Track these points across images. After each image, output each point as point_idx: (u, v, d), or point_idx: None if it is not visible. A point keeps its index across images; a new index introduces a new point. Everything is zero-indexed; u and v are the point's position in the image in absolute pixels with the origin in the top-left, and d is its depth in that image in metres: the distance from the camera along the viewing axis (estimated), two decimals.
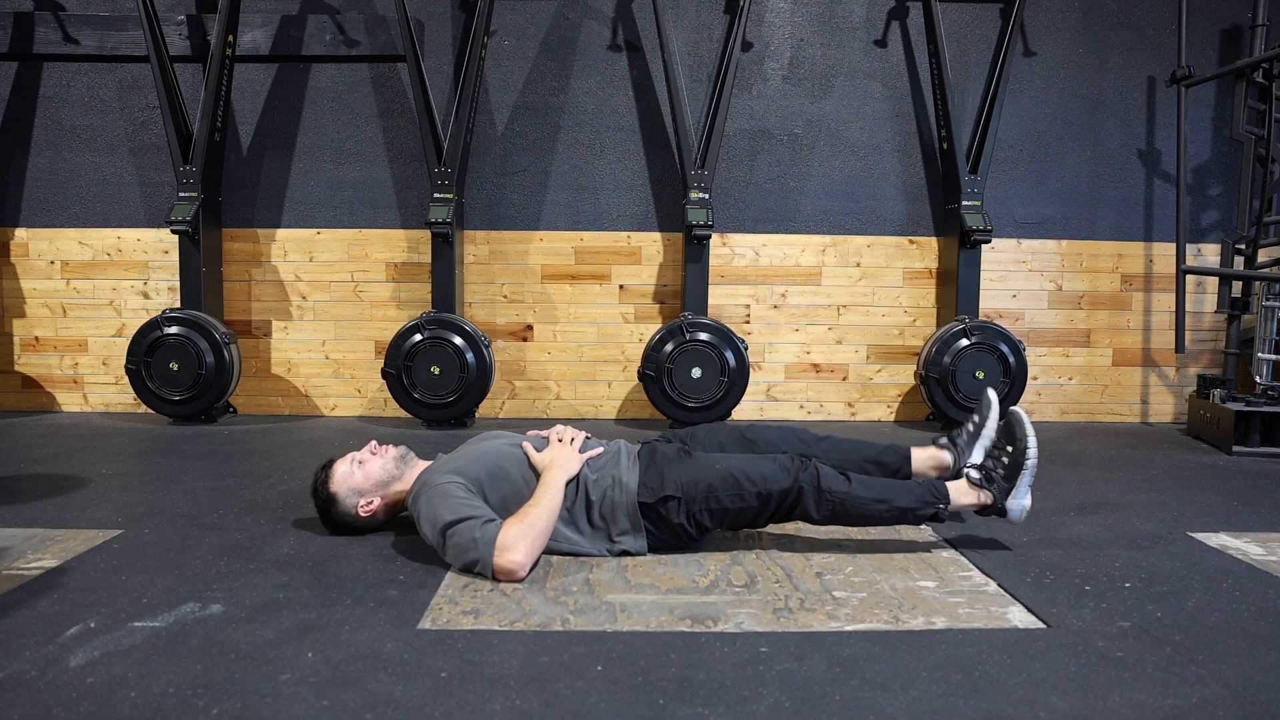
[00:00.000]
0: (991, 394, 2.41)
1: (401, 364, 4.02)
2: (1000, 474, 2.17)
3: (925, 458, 2.42)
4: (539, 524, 2.00)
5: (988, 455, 2.24)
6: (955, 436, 2.43)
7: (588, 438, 2.32)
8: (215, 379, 4.09)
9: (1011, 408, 2.22)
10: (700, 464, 2.17)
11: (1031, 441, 2.14)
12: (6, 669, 1.49)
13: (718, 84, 4.26)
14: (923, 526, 2.44)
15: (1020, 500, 2.14)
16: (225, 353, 4.10)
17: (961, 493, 2.18)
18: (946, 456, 2.39)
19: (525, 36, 4.48)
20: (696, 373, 4.03)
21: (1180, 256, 4.12)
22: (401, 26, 4.11)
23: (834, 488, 2.10)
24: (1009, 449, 2.18)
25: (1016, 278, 4.59)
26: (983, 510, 2.19)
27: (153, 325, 4.08)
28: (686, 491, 2.12)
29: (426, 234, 4.40)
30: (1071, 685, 1.47)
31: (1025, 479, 2.14)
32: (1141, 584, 2.00)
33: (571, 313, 4.54)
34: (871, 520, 2.14)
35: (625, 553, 2.16)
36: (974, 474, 2.19)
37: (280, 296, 4.54)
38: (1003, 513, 2.16)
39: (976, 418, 2.41)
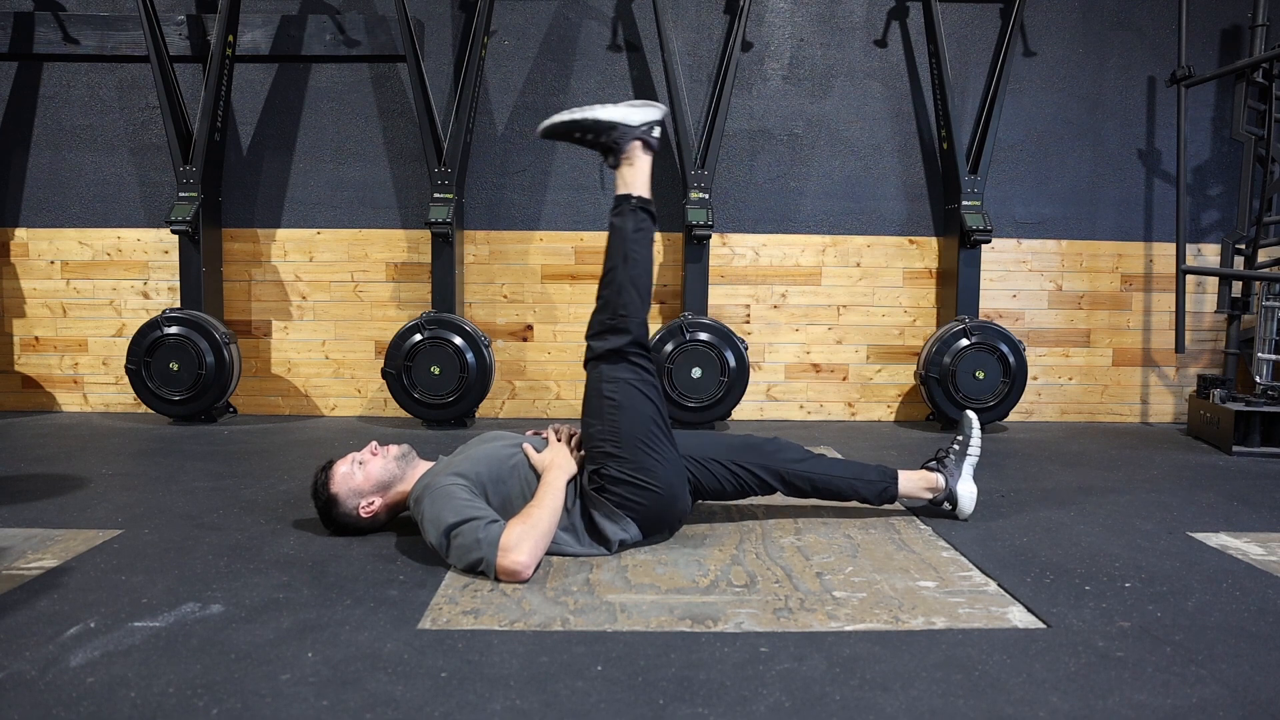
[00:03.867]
0: (970, 414, 2.56)
1: (401, 364, 4.02)
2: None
3: (916, 479, 2.50)
4: (541, 524, 2.01)
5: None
6: (943, 457, 2.53)
7: None
8: (215, 379, 4.09)
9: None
10: (584, 434, 2.23)
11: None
12: (6, 669, 1.49)
13: (718, 84, 4.26)
14: (921, 525, 2.45)
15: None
16: (225, 353, 4.10)
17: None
18: (938, 479, 2.49)
19: (525, 36, 4.48)
20: (696, 373, 4.03)
21: (1180, 256, 4.12)
22: (401, 26, 4.11)
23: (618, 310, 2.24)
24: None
25: (1016, 278, 4.59)
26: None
27: (153, 325, 4.08)
28: (600, 453, 2.14)
29: (426, 234, 4.40)
30: (1071, 685, 1.47)
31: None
32: (1141, 584, 2.00)
33: (571, 313, 4.54)
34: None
35: (622, 544, 2.16)
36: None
37: (280, 296, 4.54)
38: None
39: (960, 437, 2.53)
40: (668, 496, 2.17)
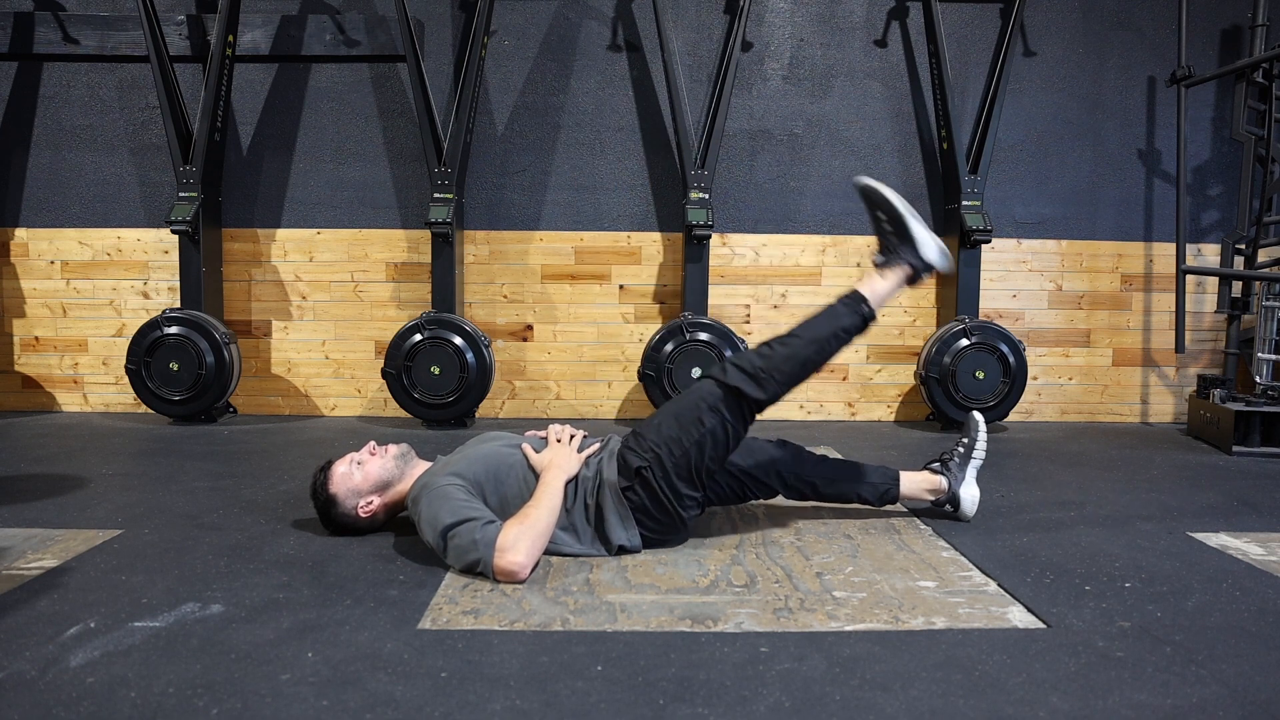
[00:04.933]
0: (977, 415, 2.54)
1: (401, 364, 4.02)
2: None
3: (918, 480, 2.48)
4: (539, 525, 2.00)
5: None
6: (947, 459, 2.51)
7: (585, 436, 2.32)
8: (215, 379, 4.09)
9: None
10: (654, 419, 2.22)
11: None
12: (6, 669, 1.49)
13: (718, 84, 4.26)
14: (922, 525, 2.45)
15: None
16: (225, 353, 4.10)
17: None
18: (941, 481, 2.48)
19: (525, 36, 4.48)
20: (697, 373, 4.03)
21: (1180, 256, 4.12)
22: (401, 26, 4.11)
23: (759, 362, 2.18)
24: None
25: (1016, 278, 4.59)
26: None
27: (153, 325, 4.08)
28: (652, 455, 2.13)
29: (426, 234, 4.40)
30: (1071, 685, 1.47)
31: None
32: (1141, 584, 2.00)
33: (571, 313, 4.54)
34: (812, 366, 2.27)
35: (622, 549, 2.16)
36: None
37: (280, 296, 4.54)
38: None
39: (965, 439, 2.51)
40: (678, 526, 2.21)
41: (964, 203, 4.25)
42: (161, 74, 4.12)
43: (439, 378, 4.03)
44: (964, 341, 4.09)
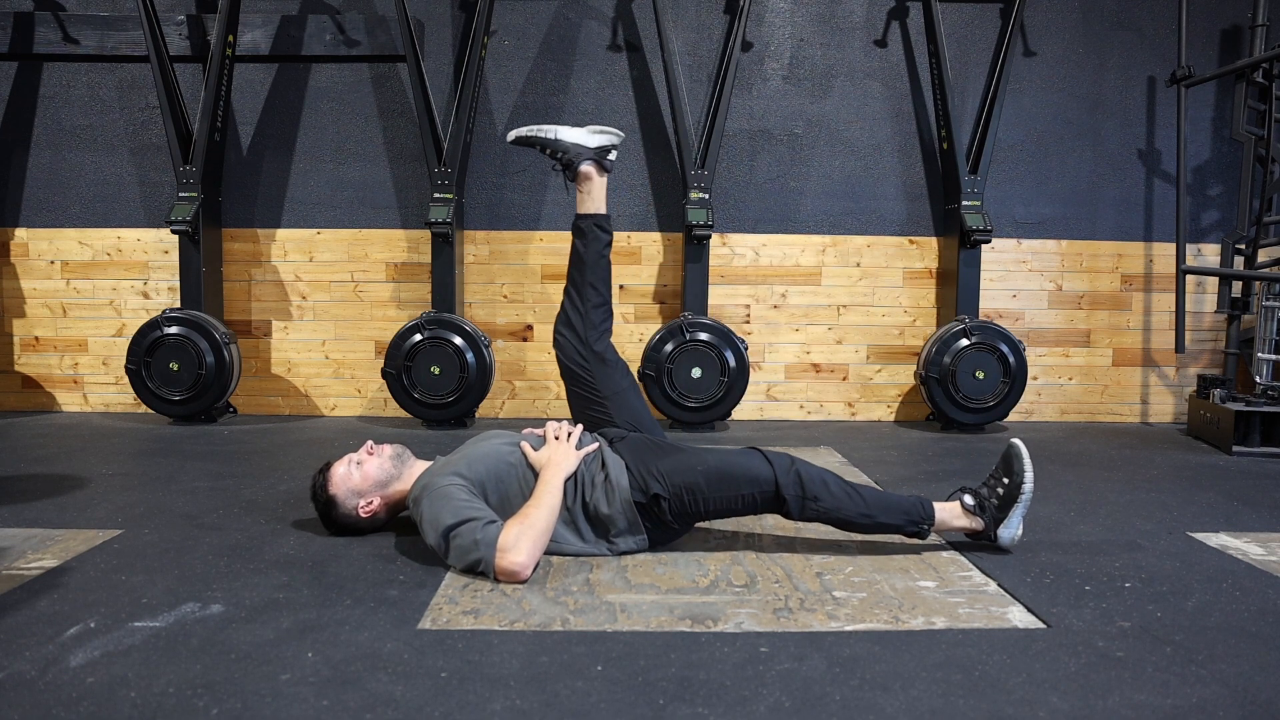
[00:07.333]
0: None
1: (401, 364, 4.02)
2: (994, 503, 2.18)
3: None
4: (540, 524, 2.00)
5: (984, 484, 2.23)
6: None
7: (583, 433, 2.32)
8: (215, 379, 4.09)
9: (1011, 440, 2.18)
10: (686, 461, 2.18)
11: (1028, 476, 2.14)
12: (6, 669, 1.49)
13: (718, 84, 4.26)
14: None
15: (1011, 530, 2.17)
16: (225, 353, 4.10)
17: (953, 516, 2.19)
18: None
19: (525, 36, 4.48)
20: (696, 373, 4.03)
21: (1180, 256, 4.12)
22: (401, 26, 4.11)
23: (820, 496, 2.11)
24: (1005, 480, 2.18)
25: (1016, 278, 4.59)
26: (972, 535, 2.22)
27: (153, 325, 4.08)
28: (674, 492, 2.13)
29: (426, 234, 4.40)
30: (1071, 685, 1.47)
31: (1018, 510, 2.15)
32: (1141, 584, 2.00)
33: None
34: (853, 529, 2.18)
35: (626, 552, 2.16)
36: (968, 500, 2.20)
37: (280, 296, 4.54)
38: (993, 539, 2.19)
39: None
40: (673, 537, 2.25)
41: (964, 203, 4.25)
42: (161, 74, 4.12)
43: (439, 378, 4.03)
44: (964, 341, 4.09)
